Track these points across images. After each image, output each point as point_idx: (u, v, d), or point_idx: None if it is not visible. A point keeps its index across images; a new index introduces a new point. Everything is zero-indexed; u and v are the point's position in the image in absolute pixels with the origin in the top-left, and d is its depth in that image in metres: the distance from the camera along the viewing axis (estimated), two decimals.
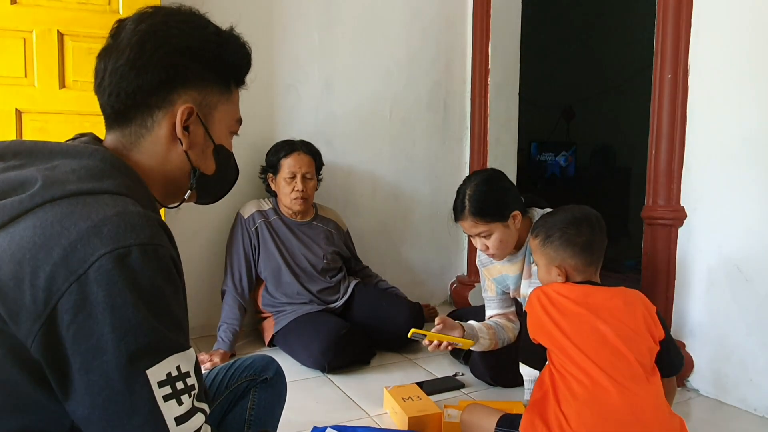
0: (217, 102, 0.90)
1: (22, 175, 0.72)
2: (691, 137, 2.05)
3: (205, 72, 0.87)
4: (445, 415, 1.69)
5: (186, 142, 0.87)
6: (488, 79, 3.05)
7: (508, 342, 2.06)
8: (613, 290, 1.41)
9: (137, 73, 0.82)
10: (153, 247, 0.69)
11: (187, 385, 0.71)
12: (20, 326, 0.65)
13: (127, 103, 0.83)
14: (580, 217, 1.48)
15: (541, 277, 1.53)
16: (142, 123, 0.85)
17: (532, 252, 1.57)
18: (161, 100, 0.84)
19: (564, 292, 1.41)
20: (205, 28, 0.87)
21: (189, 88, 0.86)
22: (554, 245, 1.47)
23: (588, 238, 1.45)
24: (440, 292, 3.26)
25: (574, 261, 1.45)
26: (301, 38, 2.75)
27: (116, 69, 0.82)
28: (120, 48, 0.83)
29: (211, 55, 0.87)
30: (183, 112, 0.85)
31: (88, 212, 0.68)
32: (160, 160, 0.87)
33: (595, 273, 1.49)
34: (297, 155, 2.46)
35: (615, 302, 1.37)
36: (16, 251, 0.65)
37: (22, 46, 2.03)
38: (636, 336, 1.32)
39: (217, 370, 1.27)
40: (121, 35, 0.83)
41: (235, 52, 0.91)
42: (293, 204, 2.47)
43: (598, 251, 1.47)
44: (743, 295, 1.91)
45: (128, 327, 0.65)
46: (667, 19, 2.06)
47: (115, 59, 0.83)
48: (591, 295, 1.39)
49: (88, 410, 0.66)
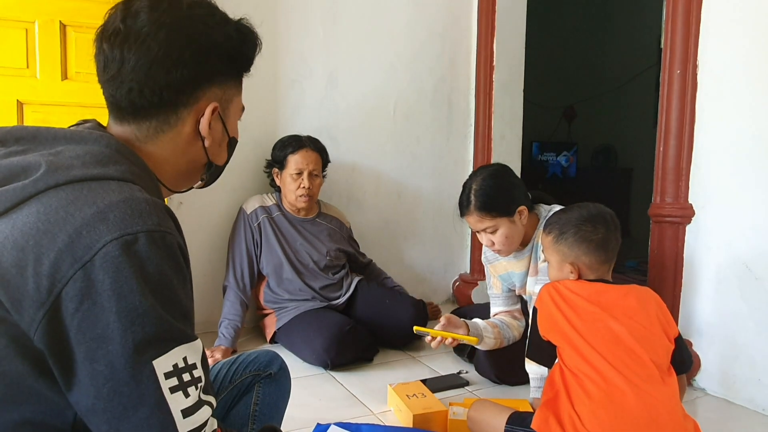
0: (233, 96, 0.90)
1: (26, 160, 0.70)
2: (699, 134, 2.03)
3: (227, 69, 0.87)
4: (451, 413, 1.66)
5: (209, 140, 0.86)
6: (493, 76, 3.03)
7: (513, 340, 2.04)
8: (625, 288, 1.39)
9: (167, 71, 0.79)
10: (161, 234, 0.67)
11: (194, 377, 0.69)
12: (23, 315, 0.63)
13: (152, 100, 0.80)
14: (596, 214, 1.46)
15: (553, 275, 1.51)
16: (165, 120, 0.83)
17: (544, 249, 1.54)
18: (187, 97, 0.83)
19: (576, 290, 1.39)
20: (227, 24, 0.86)
21: (213, 85, 0.85)
22: (568, 242, 1.44)
23: (603, 235, 1.43)
24: (443, 290, 3.24)
25: (588, 258, 1.43)
26: (305, 33, 2.73)
27: (140, 64, 0.78)
28: (140, 38, 0.78)
29: (235, 52, 0.87)
30: (211, 111, 0.84)
31: (93, 198, 0.66)
32: (178, 154, 0.86)
33: (608, 272, 1.46)
34: (305, 152, 2.44)
35: (628, 301, 1.35)
36: (19, 238, 0.64)
37: (24, 37, 2.01)
38: (651, 335, 1.31)
39: (221, 365, 1.25)
40: (137, 23, 0.78)
41: (252, 47, 0.90)
42: (298, 201, 2.44)
43: (612, 249, 1.45)
44: (752, 294, 1.89)
45: (135, 316, 0.63)
46: (677, 14, 2.04)
47: (136, 52, 0.78)
48: (604, 293, 1.37)
49: (92, 401, 0.64)
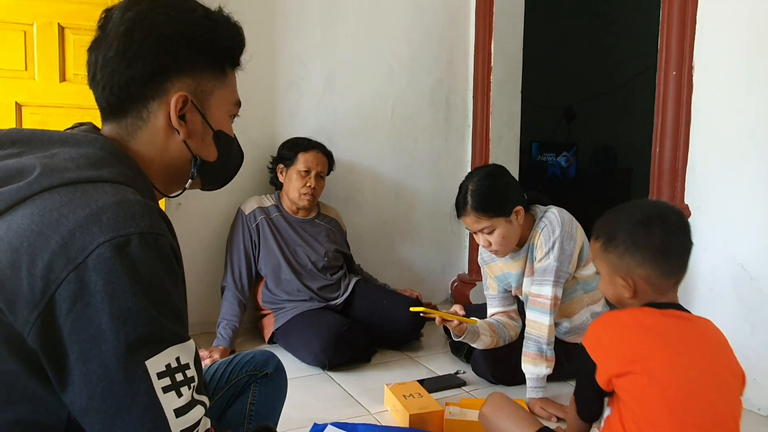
0: (212, 87, 0.87)
1: (21, 162, 0.71)
2: (695, 135, 2.03)
3: (198, 57, 0.84)
4: (447, 413, 1.67)
5: (183, 131, 0.85)
6: (491, 77, 3.04)
7: (510, 340, 2.05)
8: (701, 323, 1.15)
9: (128, 65, 0.79)
10: (153, 236, 0.68)
11: (187, 377, 0.70)
12: (17, 315, 0.63)
13: (120, 96, 0.81)
14: (652, 215, 1.17)
15: (604, 288, 1.24)
16: (138, 115, 0.83)
17: (594, 258, 1.27)
18: (155, 90, 0.82)
19: (648, 322, 1.12)
20: (193, 12, 0.84)
21: (182, 75, 0.83)
22: (618, 250, 1.16)
23: (662, 240, 1.14)
24: (441, 291, 3.24)
25: (644, 270, 1.14)
26: (303, 35, 2.74)
27: (107, 62, 0.80)
28: (108, 39, 0.80)
29: (203, 40, 0.84)
30: (177, 101, 0.82)
31: (87, 200, 0.67)
32: (160, 151, 0.85)
33: (674, 287, 1.18)
34: (315, 153, 2.47)
35: (710, 342, 1.12)
36: (13, 239, 0.64)
37: (23, 39, 2.02)
38: (731, 389, 1.11)
39: (217, 364, 1.26)
40: (109, 25, 0.81)
41: (227, 34, 0.88)
42: (301, 199, 2.45)
43: (677, 258, 1.16)
44: (747, 294, 1.90)
45: (127, 316, 0.64)
46: (672, 15, 2.05)
47: (104, 51, 0.80)
48: (681, 329, 1.11)
49: (85, 401, 0.64)
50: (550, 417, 1.78)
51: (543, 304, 1.84)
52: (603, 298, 2.09)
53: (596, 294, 2.04)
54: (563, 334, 2.05)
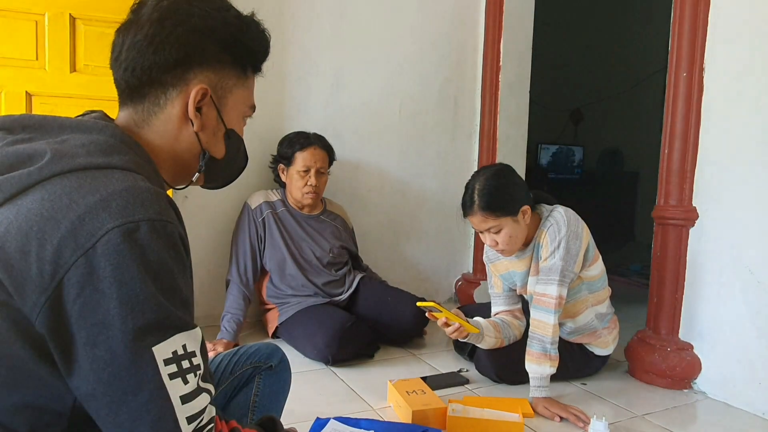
0: (232, 86, 0.89)
1: (31, 148, 0.71)
2: (705, 137, 2.02)
3: (223, 54, 0.86)
4: (450, 410, 1.67)
5: (197, 123, 0.86)
6: (499, 77, 3.04)
7: (514, 340, 2.05)
8: None
9: (155, 50, 0.81)
10: (162, 223, 0.68)
11: (193, 365, 0.70)
12: (25, 299, 0.63)
13: (142, 79, 0.82)
14: None
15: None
16: (155, 100, 0.84)
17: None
18: (176, 78, 0.83)
19: None
20: (227, 11, 0.86)
21: (205, 68, 0.85)
22: None
23: None
24: (445, 290, 3.24)
25: None
26: (313, 30, 2.74)
27: (134, 44, 0.82)
28: (140, 23, 0.82)
29: (231, 38, 0.86)
30: (197, 93, 0.84)
31: (96, 186, 0.67)
32: (171, 140, 0.86)
33: None
34: (313, 149, 2.45)
35: None
36: (23, 223, 0.64)
37: (34, 29, 2.03)
38: None
39: (222, 356, 1.26)
40: (143, 11, 0.83)
41: (255, 38, 0.90)
42: (305, 198, 2.45)
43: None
44: (754, 298, 1.89)
45: (135, 302, 0.64)
46: (684, 17, 2.04)
47: (133, 34, 0.82)
48: None
49: (92, 386, 0.65)
50: (554, 417, 1.77)
51: (548, 303, 1.84)
52: (607, 299, 2.09)
53: (601, 294, 2.03)
54: (567, 335, 2.05)
